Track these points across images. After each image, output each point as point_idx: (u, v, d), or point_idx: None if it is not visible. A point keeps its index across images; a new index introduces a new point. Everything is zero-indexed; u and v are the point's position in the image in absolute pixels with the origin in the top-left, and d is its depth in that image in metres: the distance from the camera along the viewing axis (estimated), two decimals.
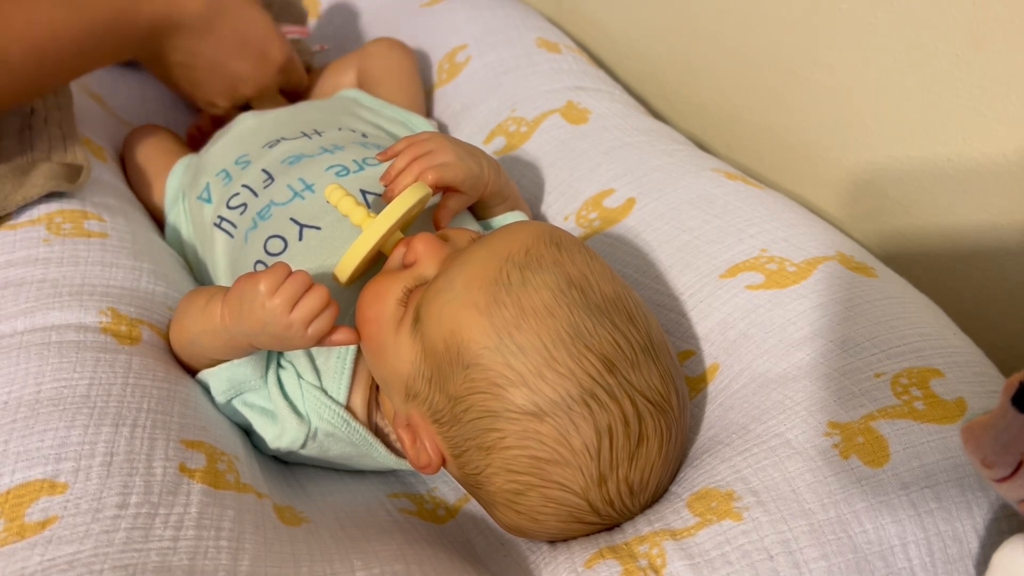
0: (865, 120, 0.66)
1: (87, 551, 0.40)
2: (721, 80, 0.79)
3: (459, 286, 0.46)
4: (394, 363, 0.48)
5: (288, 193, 0.62)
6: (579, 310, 0.45)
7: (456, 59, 0.87)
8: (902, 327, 0.50)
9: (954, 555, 0.42)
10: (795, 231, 0.59)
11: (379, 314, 0.49)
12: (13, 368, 0.48)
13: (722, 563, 0.42)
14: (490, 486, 0.47)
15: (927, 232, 0.64)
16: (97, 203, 0.62)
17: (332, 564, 0.46)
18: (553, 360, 0.44)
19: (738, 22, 0.75)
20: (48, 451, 0.44)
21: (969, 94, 0.57)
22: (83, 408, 0.46)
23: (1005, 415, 0.35)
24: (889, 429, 0.45)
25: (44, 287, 0.53)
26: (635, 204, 0.66)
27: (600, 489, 0.46)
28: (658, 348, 0.48)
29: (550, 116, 0.76)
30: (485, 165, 0.60)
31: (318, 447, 0.55)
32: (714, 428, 0.51)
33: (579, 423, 0.44)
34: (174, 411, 0.49)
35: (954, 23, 0.57)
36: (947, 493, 0.43)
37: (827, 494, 0.44)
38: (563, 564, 0.47)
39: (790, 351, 0.51)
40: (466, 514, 0.57)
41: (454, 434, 0.47)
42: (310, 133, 0.68)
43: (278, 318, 0.48)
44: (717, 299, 0.56)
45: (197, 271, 0.67)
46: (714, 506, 0.45)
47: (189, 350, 0.54)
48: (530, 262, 0.46)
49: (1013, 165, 0.56)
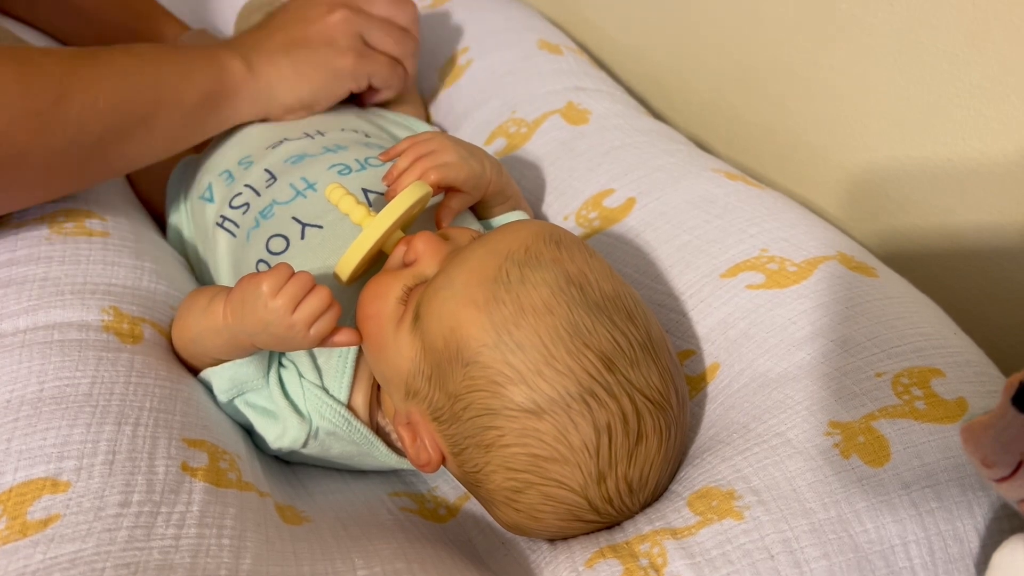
0: (865, 120, 0.66)
1: (89, 549, 0.40)
2: (721, 80, 0.79)
3: (459, 284, 0.46)
4: (394, 361, 0.49)
5: (290, 192, 0.62)
6: (578, 308, 0.46)
7: (458, 62, 0.87)
8: (903, 327, 0.50)
9: (955, 554, 0.42)
10: (796, 231, 0.59)
11: (379, 312, 0.49)
12: (15, 366, 0.48)
13: (723, 562, 0.42)
14: (489, 484, 0.47)
15: (927, 232, 0.64)
16: (99, 202, 0.62)
17: (333, 563, 0.46)
18: (552, 358, 0.44)
19: (738, 23, 0.75)
20: (50, 450, 0.44)
21: (969, 94, 0.57)
22: (85, 407, 0.46)
23: (1005, 415, 0.35)
24: (890, 429, 0.45)
25: (46, 285, 0.53)
26: (635, 204, 0.66)
27: (599, 487, 0.46)
28: (657, 346, 0.48)
29: (550, 117, 0.76)
30: (487, 165, 0.61)
31: (319, 446, 0.55)
32: (715, 427, 0.51)
33: (578, 421, 0.44)
34: (176, 410, 0.49)
35: (953, 23, 0.57)
36: (948, 492, 0.43)
37: (828, 493, 0.44)
38: (564, 563, 0.47)
39: (791, 351, 0.51)
40: (467, 513, 0.57)
41: (453, 432, 0.47)
42: (313, 133, 0.68)
43: (280, 319, 0.48)
44: (717, 299, 0.57)
45: (199, 271, 0.67)
46: (715, 505, 0.45)
47: (191, 349, 0.54)
48: (529, 260, 0.46)
49: (1013, 165, 0.56)
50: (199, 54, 0.64)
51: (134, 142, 0.59)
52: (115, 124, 0.57)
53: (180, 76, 0.61)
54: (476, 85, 0.84)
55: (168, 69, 0.61)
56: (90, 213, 0.60)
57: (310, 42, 0.69)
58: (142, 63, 0.59)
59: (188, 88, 0.62)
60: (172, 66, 0.61)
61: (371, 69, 0.72)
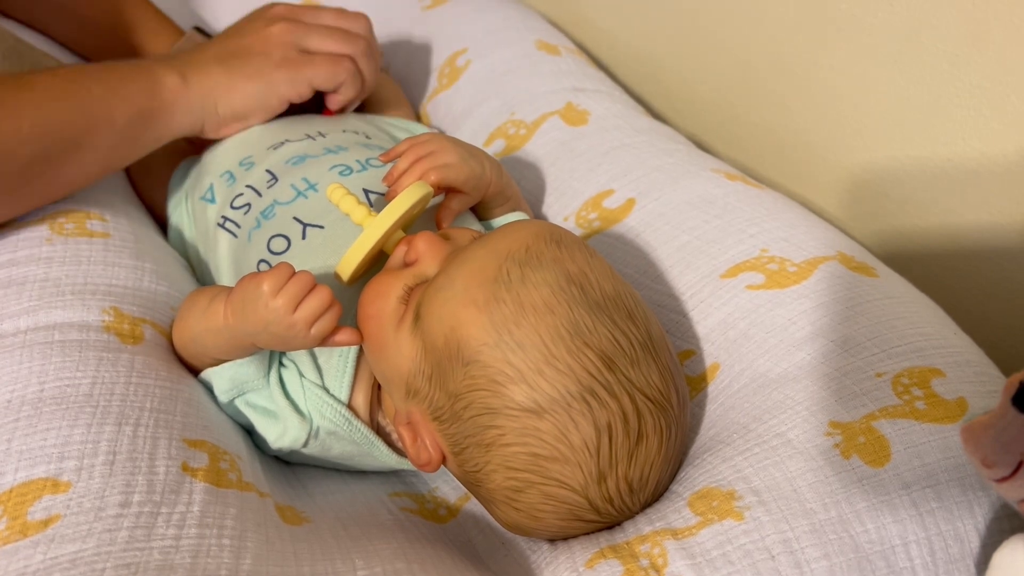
0: (865, 120, 0.66)
1: (89, 550, 0.40)
2: (721, 80, 0.79)
3: (459, 284, 0.46)
4: (395, 361, 0.49)
5: (291, 192, 0.62)
6: (578, 307, 0.46)
7: (456, 63, 0.87)
8: (903, 327, 0.50)
9: (955, 555, 0.42)
10: (796, 231, 0.59)
11: (380, 312, 0.50)
12: (16, 367, 0.48)
13: (723, 563, 0.42)
14: (489, 483, 0.47)
15: (927, 232, 0.64)
16: (99, 203, 0.62)
17: (334, 563, 0.46)
18: (552, 357, 0.44)
19: (738, 22, 0.75)
20: (51, 450, 0.44)
21: (969, 94, 0.57)
22: (86, 407, 0.46)
23: (1005, 415, 0.35)
24: (890, 429, 0.45)
25: (47, 286, 0.53)
26: (635, 204, 0.66)
27: (599, 487, 0.46)
28: (658, 346, 0.48)
29: (549, 118, 0.76)
30: (487, 166, 0.61)
31: (320, 446, 0.55)
32: (715, 427, 0.51)
33: (578, 420, 0.44)
34: (176, 410, 0.49)
35: (953, 23, 0.57)
36: (948, 492, 0.43)
37: (828, 494, 0.44)
38: (564, 563, 0.47)
39: (791, 351, 0.51)
40: (467, 513, 0.57)
41: (454, 431, 0.47)
42: (314, 135, 0.68)
43: (281, 318, 0.48)
44: (718, 299, 0.57)
45: (200, 271, 0.67)
46: (715, 505, 0.45)
47: (192, 349, 0.54)
48: (530, 259, 0.47)
49: (1013, 165, 0.56)
50: (132, 69, 0.62)
51: (67, 165, 0.58)
52: (43, 149, 0.55)
53: (110, 94, 0.60)
54: (475, 86, 0.84)
55: (98, 89, 0.59)
56: (90, 214, 0.60)
57: (245, 52, 0.68)
58: (69, 84, 0.58)
59: (119, 105, 0.60)
60: (102, 85, 0.60)
61: (309, 73, 0.69)
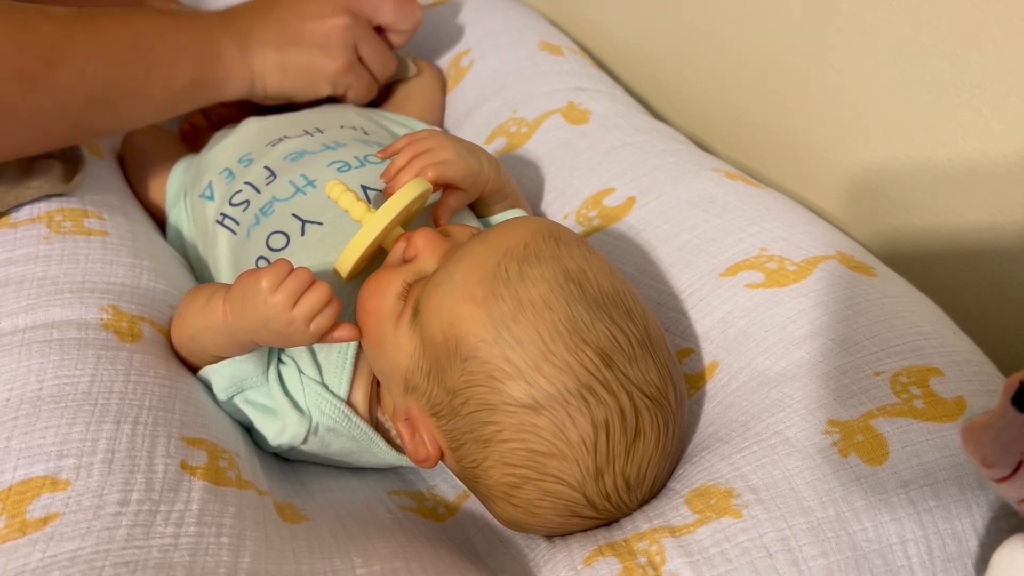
0: (865, 120, 0.66)
1: (88, 548, 0.40)
2: (721, 80, 0.79)
3: (458, 280, 0.46)
4: (393, 357, 0.49)
5: (290, 189, 0.62)
6: (576, 304, 0.46)
7: (460, 64, 0.87)
8: (902, 326, 0.50)
9: (953, 553, 0.42)
10: (795, 230, 0.59)
11: (379, 308, 0.50)
12: (15, 365, 0.48)
13: (721, 560, 0.42)
14: (487, 479, 0.47)
15: (927, 232, 0.64)
16: (97, 201, 0.62)
17: (332, 561, 0.46)
18: (550, 353, 0.44)
19: (738, 23, 0.75)
20: (50, 448, 0.44)
21: (969, 94, 0.57)
22: (84, 405, 0.46)
23: (1005, 415, 0.35)
24: (888, 427, 0.45)
25: (45, 284, 0.53)
26: (635, 203, 0.66)
27: (596, 483, 0.46)
28: (656, 343, 0.48)
29: (551, 116, 0.76)
30: (485, 163, 0.61)
31: (319, 442, 0.55)
32: (713, 425, 0.51)
33: (576, 417, 0.44)
34: (175, 408, 0.49)
35: (954, 23, 0.57)
36: (946, 491, 0.43)
37: (826, 492, 0.44)
38: (562, 561, 0.47)
39: (790, 349, 0.51)
40: (466, 512, 0.57)
41: (452, 427, 0.47)
42: (312, 131, 0.68)
43: (280, 314, 0.48)
44: (717, 297, 0.57)
45: (198, 270, 0.68)
46: (713, 503, 0.45)
47: (190, 347, 0.54)
48: (528, 256, 0.47)
49: (1013, 165, 0.56)
50: (197, 34, 0.64)
51: (121, 110, 0.61)
52: (102, 93, 0.58)
53: (173, 56, 0.62)
54: (477, 85, 0.84)
55: (162, 48, 0.62)
56: (88, 212, 0.60)
57: (304, 40, 0.70)
58: (137, 37, 0.60)
59: (180, 68, 0.63)
60: (167, 46, 0.62)
61: (352, 81, 0.73)
